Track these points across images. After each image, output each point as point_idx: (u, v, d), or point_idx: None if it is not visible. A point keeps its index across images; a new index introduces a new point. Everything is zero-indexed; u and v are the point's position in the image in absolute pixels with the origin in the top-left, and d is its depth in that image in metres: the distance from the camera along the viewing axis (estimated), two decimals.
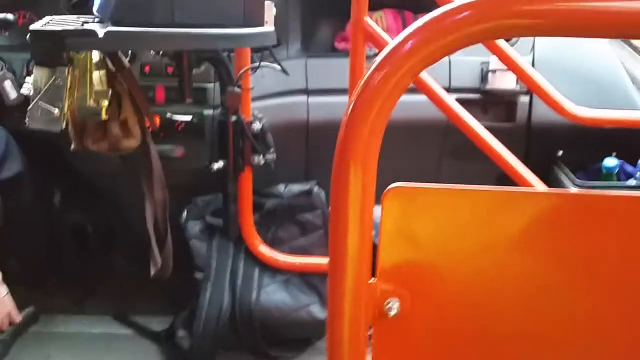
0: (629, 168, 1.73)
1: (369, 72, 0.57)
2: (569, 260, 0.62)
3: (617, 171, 1.71)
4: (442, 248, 0.63)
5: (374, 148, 0.58)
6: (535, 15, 0.53)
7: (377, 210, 0.61)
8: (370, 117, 0.56)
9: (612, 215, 0.61)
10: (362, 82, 0.57)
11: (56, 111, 1.10)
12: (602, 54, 1.88)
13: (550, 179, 1.76)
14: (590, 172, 1.78)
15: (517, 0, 0.53)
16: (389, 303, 0.61)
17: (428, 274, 0.63)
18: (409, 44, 0.55)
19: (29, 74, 1.69)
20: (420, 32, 0.55)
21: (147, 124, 1.42)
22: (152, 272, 1.45)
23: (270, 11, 1.28)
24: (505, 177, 1.66)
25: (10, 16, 1.71)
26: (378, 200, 0.61)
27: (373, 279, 0.62)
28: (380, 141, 0.58)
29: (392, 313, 0.61)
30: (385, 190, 0.61)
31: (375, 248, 0.62)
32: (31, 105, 1.09)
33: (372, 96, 0.56)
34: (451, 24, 0.53)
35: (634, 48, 2.02)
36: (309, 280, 1.77)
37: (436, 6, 1.56)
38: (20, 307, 1.66)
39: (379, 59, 0.56)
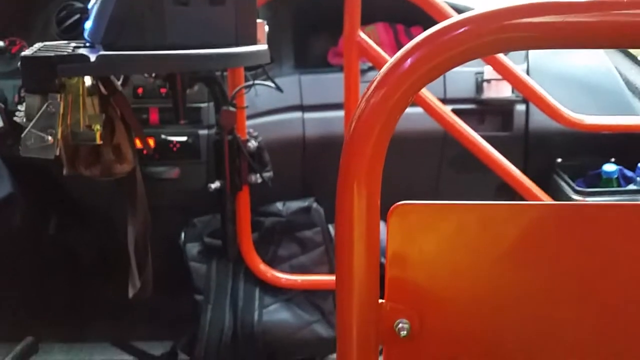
0: (629, 173, 1.74)
1: (369, 91, 0.56)
2: (576, 270, 0.62)
3: (616, 176, 1.71)
4: (449, 264, 0.62)
5: (376, 168, 0.57)
6: (534, 28, 0.53)
7: (381, 226, 0.61)
8: (371, 137, 0.56)
9: (614, 223, 0.61)
10: (363, 101, 0.56)
11: (49, 138, 1.09)
12: (595, 60, 1.89)
13: (549, 187, 1.76)
14: (590, 178, 1.78)
15: (515, 13, 0.53)
16: (398, 323, 0.61)
17: (436, 292, 0.62)
18: (409, 61, 0.55)
19: (20, 100, 1.69)
20: (419, 49, 0.55)
21: (140, 147, 1.42)
22: (130, 294, 1.45)
23: (262, 29, 1.28)
24: (505, 186, 1.67)
25: (0, 43, 1.71)
26: (381, 215, 0.61)
27: (381, 299, 0.62)
28: (383, 160, 0.58)
29: (403, 334, 0.60)
30: (390, 208, 0.61)
31: (382, 266, 0.62)
32: (24, 133, 1.08)
33: (373, 116, 0.55)
34: (450, 40, 0.53)
35: (627, 52, 2.03)
36: (311, 298, 1.76)
37: (427, 18, 1.57)
38: (19, 337, 1.64)
39: (378, 77, 0.56)
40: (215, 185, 1.64)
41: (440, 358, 0.64)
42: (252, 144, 1.66)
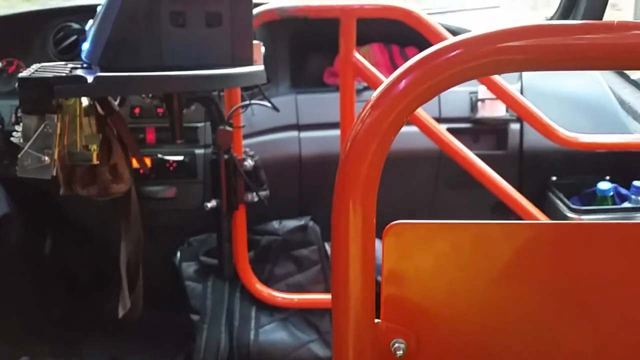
0: (623, 191, 1.74)
1: (364, 112, 0.57)
2: (570, 289, 0.62)
3: (611, 194, 1.72)
4: (444, 283, 0.62)
5: (372, 187, 0.58)
6: (527, 51, 0.54)
7: (377, 243, 0.61)
8: (367, 157, 0.56)
9: (609, 243, 0.61)
10: (358, 121, 0.57)
11: (46, 158, 1.09)
12: (589, 79, 1.91)
13: (544, 205, 1.77)
14: (585, 196, 1.78)
15: (508, 36, 0.54)
16: (394, 343, 0.61)
17: (431, 311, 0.62)
18: (403, 83, 0.55)
19: (17, 120, 1.70)
20: (413, 71, 0.55)
21: (136, 166, 1.43)
22: (120, 314, 1.44)
23: (258, 50, 1.29)
24: (500, 204, 1.67)
25: None
26: (376, 233, 0.61)
27: (377, 319, 0.62)
28: (379, 179, 0.58)
29: (399, 354, 0.60)
30: (386, 227, 0.61)
31: (378, 284, 0.62)
32: (21, 154, 1.09)
33: (368, 136, 0.56)
34: (445, 62, 0.54)
35: (620, 72, 2.05)
36: (307, 317, 1.75)
37: (422, 39, 1.58)
38: (15, 356, 1.63)
39: (373, 98, 0.57)
40: (212, 204, 1.64)
41: None
42: (249, 163, 1.66)
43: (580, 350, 0.63)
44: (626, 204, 1.71)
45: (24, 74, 1.09)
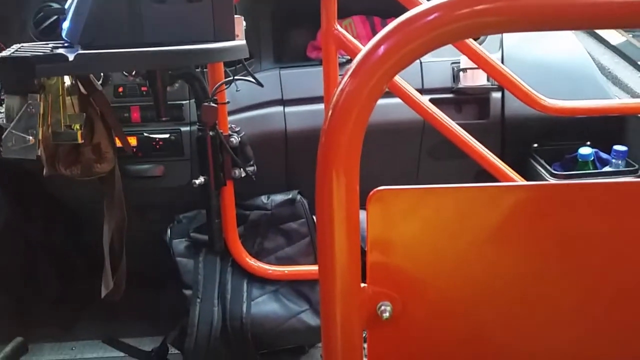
0: (604, 155, 1.75)
1: (344, 80, 0.56)
2: (553, 249, 0.62)
3: (592, 159, 1.73)
4: (429, 247, 0.63)
5: (354, 154, 0.58)
6: (504, 12, 0.53)
7: (362, 214, 0.61)
8: (348, 124, 0.56)
9: (589, 202, 0.62)
10: (338, 90, 0.56)
11: (30, 138, 1.08)
12: (568, 45, 1.91)
13: (526, 172, 1.78)
14: (566, 162, 1.79)
15: None
16: (381, 306, 0.61)
17: (416, 275, 0.63)
18: (381, 49, 0.55)
19: (1, 103, 1.67)
20: (391, 37, 0.55)
21: (120, 145, 1.42)
22: (103, 294, 1.44)
23: (240, 25, 1.27)
24: (483, 173, 1.68)
25: None
26: (362, 205, 0.61)
27: (363, 284, 0.62)
28: (361, 147, 0.58)
29: (385, 316, 0.61)
30: (370, 193, 0.61)
31: (363, 252, 0.62)
32: (4, 135, 1.07)
33: (349, 103, 0.55)
34: (421, 27, 0.54)
35: (599, 37, 2.05)
36: (298, 288, 1.76)
37: (404, 10, 1.57)
38: (9, 338, 1.63)
39: (352, 66, 0.56)
40: (200, 180, 1.63)
41: (424, 338, 0.64)
42: (235, 139, 1.65)
43: (565, 310, 0.63)
44: (607, 168, 1.73)
45: (4, 53, 1.07)
